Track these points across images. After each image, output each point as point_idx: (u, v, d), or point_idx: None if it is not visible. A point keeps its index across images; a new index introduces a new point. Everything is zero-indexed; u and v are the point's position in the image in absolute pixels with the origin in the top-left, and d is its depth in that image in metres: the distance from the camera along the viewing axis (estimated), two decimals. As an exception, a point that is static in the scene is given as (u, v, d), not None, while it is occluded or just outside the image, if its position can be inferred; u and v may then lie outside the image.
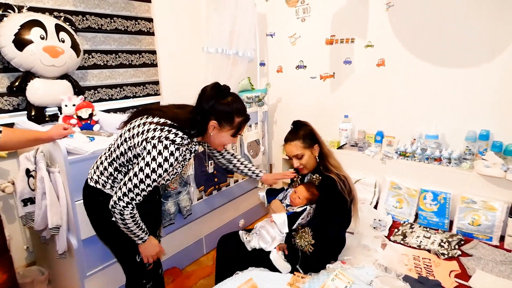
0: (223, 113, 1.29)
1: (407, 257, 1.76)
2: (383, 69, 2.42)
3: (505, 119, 2.00)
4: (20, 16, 1.80)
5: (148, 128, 1.24)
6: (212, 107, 1.28)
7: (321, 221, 1.58)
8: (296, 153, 1.63)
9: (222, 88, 1.32)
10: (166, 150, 1.20)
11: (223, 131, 1.33)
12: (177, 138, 1.23)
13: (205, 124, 1.30)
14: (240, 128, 1.37)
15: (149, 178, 1.21)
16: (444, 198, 2.05)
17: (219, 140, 1.36)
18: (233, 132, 1.35)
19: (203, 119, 1.29)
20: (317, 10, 2.68)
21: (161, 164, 1.20)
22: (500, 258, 1.69)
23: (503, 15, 1.91)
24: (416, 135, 2.30)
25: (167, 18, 2.71)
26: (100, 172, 1.34)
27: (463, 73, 2.10)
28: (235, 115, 1.31)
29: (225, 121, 1.31)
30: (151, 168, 1.20)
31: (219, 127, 1.31)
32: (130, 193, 1.22)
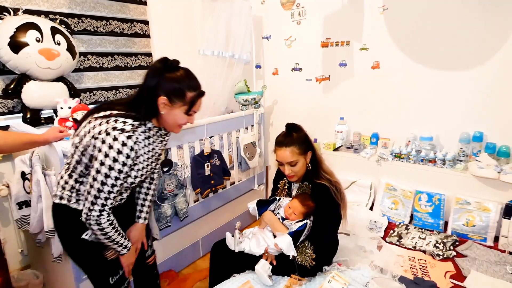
0: (172, 87, 1.18)
1: (403, 258, 1.77)
2: (378, 72, 2.44)
3: (498, 120, 2.02)
4: (15, 18, 1.79)
5: (94, 125, 1.14)
6: (160, 82, 1.17)
7: (319, 231, 1.52)
8: (291, 159, 1.52)
9: (170, 62, 1.20)
10: (116, 142, 1.09)
11: (175, 107, 1.21)
12: (126, 126, 1.12)
13: (153, 102, 1.18)
14: (194, 104, 1.24)
15: (109, 177, 1.11)
16: (439, 199, 2.07)
17: (172, 119, 1.23)
18: (186, 108, 1.22)
19: (150, 96, 1.17)
20: (312, 13, 2.70)
21: (116, 158, 1.09)
22: (494, 259, 1.71)
23: (495, 18, 1.94)
24: (411, 137, 2.32)
25: (163, 21, 2.72)
26: (62, 186, 1.24)
27: (457, 75, 2.12)
28: (186, 90, 1.20)
29: (176, 96, 1.19)
30: (106, 166, 1.10)
31: (169, 103, 1.19)
32: (98, 200, 1.13)
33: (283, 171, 1.60)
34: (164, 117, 1.22)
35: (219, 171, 2.36)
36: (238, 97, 2.72)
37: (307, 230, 1.52)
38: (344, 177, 2.39)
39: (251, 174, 2.83)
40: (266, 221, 1.61)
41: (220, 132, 2.44)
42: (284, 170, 1.58)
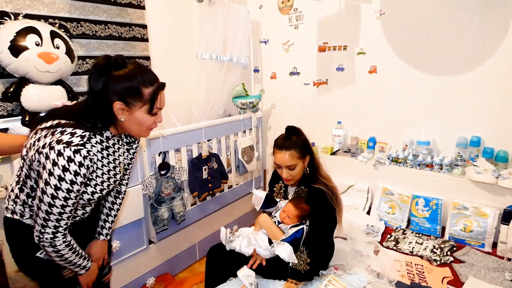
0: (124, 87, 1.00)
1: (400, 263, 1.76)
2: (375, 76, 2.45)
3: (496, 125, 2.02)
4: (16, 23, 1.81)
5: (39, 136, 0.99)
6: (108, 84, 0.99)
7: (315, 236, 1.52)
8: (290, 163, 1.51)
9: (114, 59, 1.02)
10: (61, 158, 0.93)
11: (134, 110, 1.04)
12: (74, 138, 0.97)
13: (107, 109, 1.01)
14: (155, 100, 1.06)
15: (57, 198, 0.97)
16: (436, 204, 2.06)
17: (136, 124, 1.07)
18: (147, 108, 1.05)
19: (101, 103, 1.00)
20: (309, 18, 2.71)
21: (62, 176, 0.94)
22: (492, 265, 1.70)
23: (491, 23, 1.94)
24: (408, 141, 2.32)
25: (161, 25, 2.74)
26: (13, 200, 1.11)
27: (454, 80, 2.13)
28: (142, 86, 1.02)
29: (131, 97, 1.01)
30: (52, 186, 0.95)
31: (127, 107, 1.02)
32: (49, 222, 1.00)
33: (280, 174, 1.59)
34: (125, 124, 1.06)
35: (216, 175, 2.36)
36: (236, 101, 2.73)
37: (305, 235, 1.52)
38: (341, 181, 2.39)
39: (249, 178, 2.83)
40: (261, 223, 1.60)
41: (218, 136, 2.45)
42: (282, 173, 1.56)
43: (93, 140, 1.03)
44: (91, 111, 1.03)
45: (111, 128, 1.10)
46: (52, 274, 1.16)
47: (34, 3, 2.01)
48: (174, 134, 2.06)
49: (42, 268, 1.15)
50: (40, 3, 2.03)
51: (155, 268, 2.07)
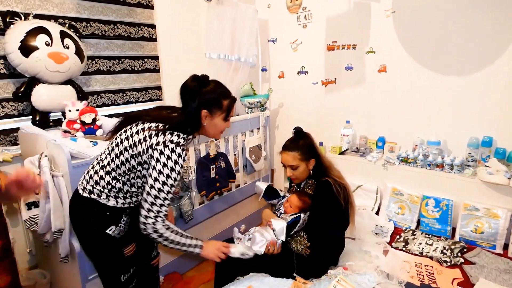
0: (210, 100, 1.31)
1: (409, 264, 1.74)
2: (384, 75, 2.42)
3: (508, 125, 1.99)
4: (26, 23, 1.83)
5: (150, 134, 1.24)
6: (199, 98, 1.29)
7: (316, 223, 1.58)
8: (292, 163, 1.63)
9: (201, 78, 1.33)
10: (174, 153, 1.21)
11: (215, 117, 1.34)
12: (180, 140, 1.24)
13: (198, 117, 1.31)
14: (230, 110, 1.38)
15: (166, 185, 1.21)
16: (447, 205, 2.04)
17: (213, 127, 1.37)
18: (224, 115, 1.36)
19: (195, 113, 1.30)
20: (318, 17, 2.69)
21: (173, 168, 1.21)
22: (503, 267, 1.67)
23: (504, 20, 1.91)
24: (418, 141, 2.29)
25: (169, 25, 2.75)
26: (95, 181, 1.30)
27: (465, 79, 2.09)
28: (222, 99, 1.33)
29: (214, 107, 1.32)
30: (165, 175, 1.20)
31: (210, 114, 1.32)
32: (154, 207, 1.22)
33: (286, 172, 1.72)
34: (206, 127, 1.35)
35: (224, 174, 2.36)
36: (244, 100, 2.73)
37: (302, 223, 1.61)
38: (350, 181, 2.35)
39: (257, 177, 2.83)
40: (264, 217, 1.74)
41: (225, 135, 2.45)
42: (287, 172, 1.69)
43: (185, 142, 1.30)
44: (188, 118, 1.30)
45: (195, 133, 1.37)
46: (114, 252, 1.34)
47: (44, 3, 2.03)
48: (183, 134, 2.06)
49: (107, 244, 1.32)
50: (50, 3, 2.05)
51: (163, 267, 2.08)
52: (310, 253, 1.56)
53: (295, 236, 1.62)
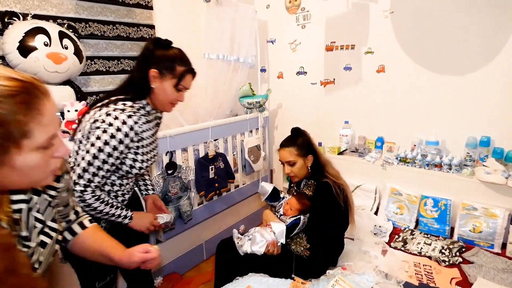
0: (162, 59, 1.21)
1: (408, 264, 1.75)
2: (383, 75, 2.43)
3: (506, 125, 2.00)
4: (24, 23, 1.83)
5: (94, 112, 1.16)
6: (151, 55, 1.20)
7: (316, 224, 1.59)
8: (289, 159, 1.65)
9: (162, 41, 1.24)
10: (117, 120, 1.11)
11: (165, 80, 1.23)
12: (127, 107, 1.15)
13: (145, 75, 1.20)
14: (182, 78, 1.25)
15: (102, 152, 1.11)
16: (445, 204, 2.04)
17: (163, 93, 1.24)
18: (175, 82, 1.24)
19: (142, 69, 1.20)
20: (317, 17, 2.70)
21: (113, 134, 1.10)
22: (501, 266, 1.68)
23: (501, 21, 1.92)
24: (416, 141, 2.30)
25: (168, 25, 2.75)
26: None
27: (463, 79, 2.10)
28: (177, 64, 1.23)
29: (166, 69, 1.21)
30: (102, 141, 1.10)
31: (160, 76, 1.21)
32: (85, 174, 1.12)
33: (284, 170, 1.72)
34: (155, 92, 1.24)
35: (223, 174, 2.37)
36: (243, 101, 2.73)
37: (302, 225, 1.62)
38: (349, 181, 2.36)
39: (256, 178, 2.83)
40: (264, 218, 1.74)
41: (224, 135, 2.45)
42: (285, 169, 1.70)
43: (141, 111, 1.21)
44: (134, 80, 1.22)
45: (148, 99, 1.26)
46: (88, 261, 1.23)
47: (42, 4, 2.02)
48: (181, 134, 2.07)
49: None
50: (49, 3, 2.05)
51: (162, 268, 2.08)
52: (309, 255, 1.57)
53: (295, 238, 1.63)
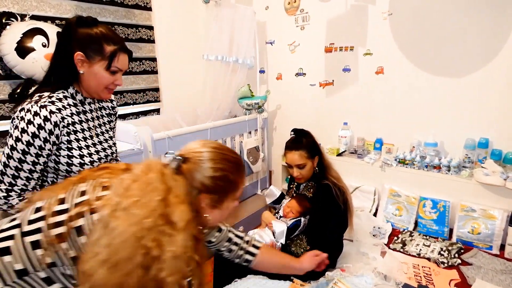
0: (86, 39, 1.04)
1: (407, 265, 1.75)
2: (382, 77, 2.43)
3: (504, 127, 2.00)
4: (22, 24, 1.82)
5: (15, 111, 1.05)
6: (73, 36, 1.04)
7: (316, 226, 1.59)
8: (299, 162, 1.62)
9: (85, 18, 1.08)
10: (28, 113, 0.99)
11: (94, 64, 1.07)
12: (43, 99, 1.03)
13: (69, 60, 1.05)
14: (114, 59, 1.09)
15: (15, 150, 0.99)
16: (444, 206, 2.05)
17: (94, 78, 1.09)
18: (105, 64, 1.08)
19: (65, 54, 1.05)
20: (316, 19, 2.70)
21: (25, 129, 0.98)
22: (500, 267, 1.68)
23: (499, 22, 1.93)
24: (415, 142, 2.30)
25: (167, 26, 2.74)
26: None
27: (462, 81, 2.11)
28: (104, 42, 1.06)
29: (92, 50, 1.05)
30: (14, 138, 0.98)
31: (87, 59, 1.06)
32: (4, 178, 1.01)
33: (291, 173, 1.70)
34: (85, 78, 1.09)
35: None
36: (242, 102, 2.73)
37: (302, 227, 1.62)
38: (348, 183, 2.36)
39: (254, 179, 2.82)
40: (264, 219, 1.73)
41: (223, 137, 2.45)
42: (293, 172, 1.67)
43: (65, 101, 1.08)
44: (55, 66, 1.08)
45: (77, 87, 1.12)
46: None
47: (40, 5, 2.01)
48: (180, 135, 2.06)
49: None
50: (47, 4, 2.04)
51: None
52: None
53: (295, 240, 1.62)
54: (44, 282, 0.73)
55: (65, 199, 0.75)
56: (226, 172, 0.90)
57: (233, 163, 0.92)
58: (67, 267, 0.72)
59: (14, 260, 0.69)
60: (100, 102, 1.26)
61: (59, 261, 0.71)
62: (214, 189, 0.88)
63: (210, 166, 0.87)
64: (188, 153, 0.90)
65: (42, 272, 0.71)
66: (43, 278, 0.72)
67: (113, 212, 0.68)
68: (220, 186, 0.89)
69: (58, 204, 0.74)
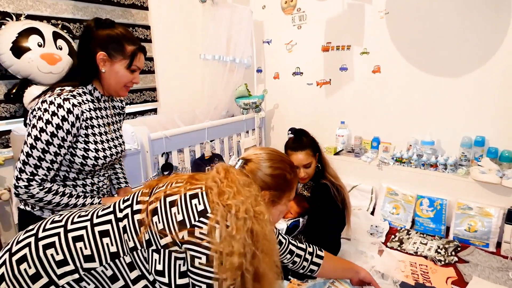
0: (108, 39, 1.11)
1: (404, 264, 1.75)
2: (378, 76, 2.44)
3: (500, 125, 2.01)
4: (18, 24, 1.81)
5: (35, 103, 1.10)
6: (95, 37, 1.10)
7: (315, 226, 1.59)
8: (306, 162, 1.60)
9: (103, 20, 1.14)
10: (52, 105, 1.02)
11: (115, 62, 1.13)
12: (65, 92, 1.07)
13: (92, 61, 1.11)
14: (134, 58, 1.15)
15: (39, 141, 1.02)
16: (441, 204, 2.05)
17: (115, 76, 1.15)
18: (127, 63, 1.14)
19: (89, 55, 1.11)
20: (313, 18, 2.70)
21: (49, 120, 1.01)
22: (496, 265, 1.69)
23: (495, 22, 1.94)
24: (412, 141, 2.31)
25: (164, 26, 2.74)
26: None
27: (458, 80, 2.12)
28: (125, 42, 1.13)
29: (114, 49, 1.12)
30: (38, 128, 1.01)
31: (109, 58, 1.12)
32: (26, 167, 1.03)
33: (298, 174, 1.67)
34: (106, 76, 1.14)
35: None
36: (239, 101, 2.73)
37: (301, 227, 1.62)
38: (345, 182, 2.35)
39: (252, 178, 2.82)
40: None
41: (221, 136, 2.45)
42: (300, 173, 1.64)
43: (84, 97, 1.13)
44: (78, 64, 1.14)
45: (96, 84, 1.17)
46: None
47: (36, 4, 2.00)
48: (177, 135, 2.06)
49: None
50: (43, 4, 2.03)
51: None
52: None
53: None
54: (127, 268, 0.78)
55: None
56: (283, 171, 0.98)
57: (289, 164, 1.02)
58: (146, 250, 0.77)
59: (110, 243, 0.78)
60: (112, 101, 1.32)
61: (152, 239, 0.76)
62: (273, 186, 0.95)
63: (269, 165, 0.96)
64: (248, 156, 1.00)
65: (127, 256, 0.77)
66: (128, 263, 0.78)
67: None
68: (278, 184, 0.97)
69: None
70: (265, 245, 0.78)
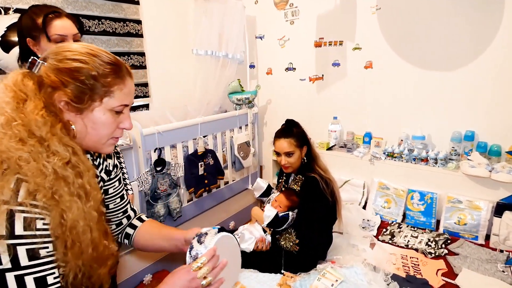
0: (25, 24, 1.12)
1: (395, 257, 1.78)
2: (370, 71, 2.45)
3: (489, 120, 2.04)
4: (6, 18, 1.78)
5: None
6: (19, 27, 1.13)
7: (305, 219, 1.60)
8: (288, 150, 1.66)
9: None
10: None
11: (41, 42, 1.13)
12: None
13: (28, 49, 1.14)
14: (46, 25, 1.13)
15: None
16: (431, 198, 2.08)
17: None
18: (44, 36, 1.13)
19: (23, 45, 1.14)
20: (305, 13, 2.70)
21: None
22: (485, 257, 1.72)
23: (485, 18, 1.96)
24: (403, 136, 2.33)
25: (155, 20, 2.71)
26: None
27: (448, 75, 2.14)
28: (34, 16, 1.13)
29: (33, 30, 1.12)
30: None
31: (34, 41, 1.14)
32: None
33: (279, 161, 1.72)
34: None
35: (212, 171, 2.36)
36: (232, 97, 2.72)
37: (290, 220, 1.63)
38: (337, 176, 2.39)
39: (245, 174, 2.83)
40: (253, 215, 1.75)
41: (214, 132, 2.44)
42: (281, 160, 1.69)
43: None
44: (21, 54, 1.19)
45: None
46: None
47: (25, -2, 1.97)
48: (170, 130, 2.05)
49: None
50: (31, -3, 1.99)
51: (152, 265, 2.07)
52: (299, 250, 1.58)
53: (284, 234, 1.63)
54: None
55: None
56: (85, 64, 0.69)
57: (98, 57, 0.71)
58: None
59: None
60: None
61: None
62: (68, 84, 0.68)
63: (67, 57, 0.69)
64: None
65: None
66: None
67: None
68: (78, 81, 0.69)
69: None
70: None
